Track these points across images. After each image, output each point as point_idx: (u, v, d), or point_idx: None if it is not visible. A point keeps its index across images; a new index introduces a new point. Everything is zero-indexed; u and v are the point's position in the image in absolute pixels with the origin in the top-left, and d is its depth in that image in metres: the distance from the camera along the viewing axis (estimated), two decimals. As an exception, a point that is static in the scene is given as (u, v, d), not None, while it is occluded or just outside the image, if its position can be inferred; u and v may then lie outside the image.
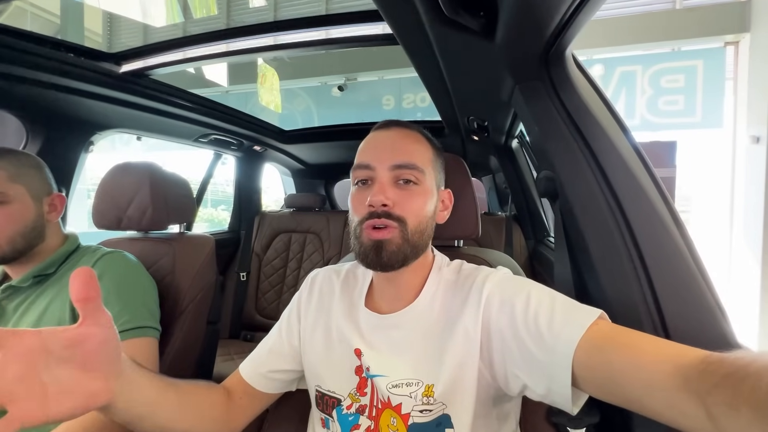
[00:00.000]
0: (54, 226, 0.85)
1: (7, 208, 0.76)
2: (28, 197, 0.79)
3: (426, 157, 0.59)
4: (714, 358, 0.33)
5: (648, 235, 0.53)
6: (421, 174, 0.56)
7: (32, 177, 0.81)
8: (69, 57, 1.00)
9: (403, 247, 0.54)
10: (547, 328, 0.45)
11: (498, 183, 2.50)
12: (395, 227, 0.54)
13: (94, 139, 1.33)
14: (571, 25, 0.52)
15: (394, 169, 0.56)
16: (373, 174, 0.56)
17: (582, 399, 0.45)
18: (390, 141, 0.58)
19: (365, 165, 0.57)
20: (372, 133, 0.62)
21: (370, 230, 0.54)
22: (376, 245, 0.53)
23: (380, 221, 0.54)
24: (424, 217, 0.57)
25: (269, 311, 1.99)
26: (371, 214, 0.54)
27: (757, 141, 3.13)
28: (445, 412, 0.52)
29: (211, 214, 7.61)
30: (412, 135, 0.60)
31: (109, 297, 0.78)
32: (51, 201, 0.83)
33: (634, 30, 3.60)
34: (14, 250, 0.77)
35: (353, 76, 4.69)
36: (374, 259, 0.54)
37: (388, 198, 0.54)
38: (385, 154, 0.57)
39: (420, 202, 0.56)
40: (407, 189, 0.56)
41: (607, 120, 0.61)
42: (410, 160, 0.56)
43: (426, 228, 0.57)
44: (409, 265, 0.56)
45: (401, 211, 0.54)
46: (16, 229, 0.77)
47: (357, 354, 0.58)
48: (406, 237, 0.54)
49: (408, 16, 0.63)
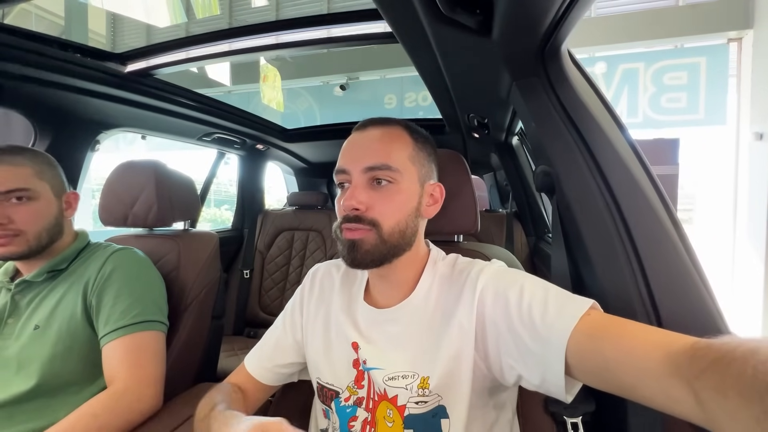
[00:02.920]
0: (67, 223, 0.87)
1: (35, 205, 0.79)
2: (51, 194, 0.82)
3: (403, 154, 0.57)
4: (702, 344, 0.33)
5: (642, 228, 0.54)
6: (396, 173, 0.56)
7: (52, 174, 0.84)
8: (76, 57, 1.02)
9: (379, 247, 0.55)
10: (540, 319, 0.46)
11: (499, 180, 2.51)
12: (368, 230, 0.54)
13: (100, 138, 1.35)
14: (565, 22, 0.53)
15: (367, 171, 0.55)
16: (349, 178, 0.57)
17: (576, 387, 0.46)
18: (364, 142, 0.58)
19: (342, 169, 0.58)
20: (351, 135, 0.62)
21: (346, 231, 0.55)
22: (350, 244, 0.55)
23: (352, 225, 0.55)
24: (402, 217, 0.56)
25: (272, 308, 2.01)
26: (345, 217, 0.55)
27: (760, 138, 3.11)
28: (440, 404, 0.53)
29: (214, 213, 7.64)
30: (389, 133, 0.59)
31: (120, 291, 0.80)
32: (67, 198, 0.86)
33: (637, 27, 3.59)
34: (39, 245, 0.79)
35: (355, 76, 4.70)
36: (348, 257, 0.56)
37: (360, 202, 0.54)
38: (359, 156, 0.57)
39: (396, 202, 0.56)
40: (382, 190, 0.56)
41: (602, 115, 0.62)
42: (383, 160, 0.55)
43: (407, 226, 0.57)
44: (391, 262, 0.57)
45: (374, 214, 0.55)
46: (43, 224, 0.80)
47: (354, 347, 0.59)
48: (382, 238, 0.55)
49: (407, 15, 0.64)
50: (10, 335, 0.78)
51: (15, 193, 0.76)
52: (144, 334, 0.78)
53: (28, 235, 0.77)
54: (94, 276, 0.82)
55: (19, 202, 0.77)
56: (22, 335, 0.77)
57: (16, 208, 0.77)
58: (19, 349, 0.76)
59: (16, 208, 0.76)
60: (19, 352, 0.75)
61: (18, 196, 0.77)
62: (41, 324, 0.77)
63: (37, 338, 0.76)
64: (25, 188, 0.77)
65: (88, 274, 0.82)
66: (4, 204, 0.76)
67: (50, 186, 0.82)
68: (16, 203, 0.77)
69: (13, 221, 0.76)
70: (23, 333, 0.77)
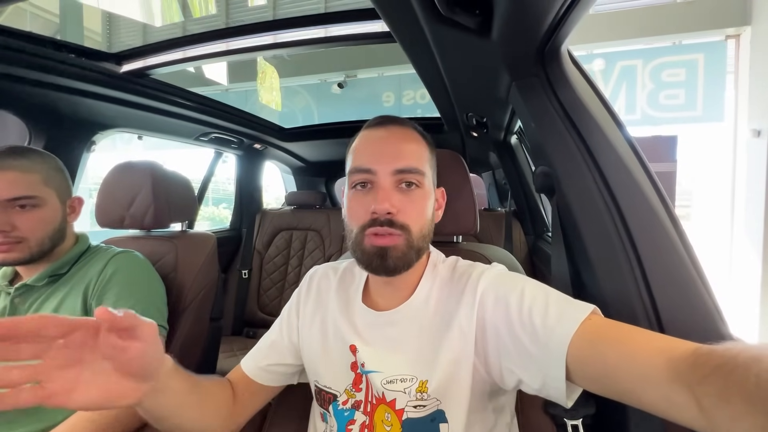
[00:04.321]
0: (69, 226, 0.87)
1: (41, 212, 0.78)
2: (57, 200, 0.81)
3: (425, 157, 0.57)
4: (704, 350, 0.33)
5: (643, 229, 0.54)
6: (422, 177, 0.55)
7: (60, 180, 0.83)
8: (70, 58, 1.01)
9: (409, 254, 0.53)
10: (541, 324, 0.45)
11: (498, 179, 2.51)
12: (399, 235, 0.52)
13: (96, 138, 1.34)
14: (565, 22, 0.53)
15: (396, 173, 0.54)
16: (374, 178, 0.54)
17: (576, 392, 0.46)
18: (391, 142, 0.56)
19: (365, 169, 0.54)
20: (367, 132, 0.59)
21: (373, 237, 0.53)
22: (380, 252, 0.52)
23: (383, 229, 0.52)
24: (426, 221, 0.56)
25: (271, 308, 2.00)
26: (373, 221, 0.53)
27: (758, 135, 3.12)
28: (439, 408, 0.53)
29: (212, 212, 7.63)
30: (411, 134, 0.58)
31: (121, 294, 0.80)
32: (71, 203, 0.86)
33: (635, 24, 3.58)
34: (41, 251, 0.79)
35: (353, 73, 4.68)
36: (379, 265, 0.53)
37: (393, 205, 0.52)
38: (387, 157, 0.54)
39: (422, 206, 0.55)
40: (409, 193, 0.54)
41: (602, 115, 0.62)
42: (413, 163, 0.54)
43: (428, 231, 0.57)
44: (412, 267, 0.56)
45: (405, 218, 0.53)
46: (46, 232, 0.79)
47: (352, 350, 0.59)
48: (411, 243, 0.53)
49: (405, 15, 0.64)
50: None
51: (20, 201, 0.75)
52: None
53: (30, 242, 0.77)
54: (94, 279, 0.81)
55: (23, 210, 0.76)
56: None
57: (20, 215, 0.75)
58: None
59: (20, 215, 0.75)
60: None
61: (22, 204, 0.75)
62: None
63: None
64: (31, 196, 0.76)
65: (89, 277, 0.81)
66: (9, 210, 0.74)
67: (56, 192, 0.81)
68: (20, 210, 0.75)
69: (17, 228, 0.75)
70: None
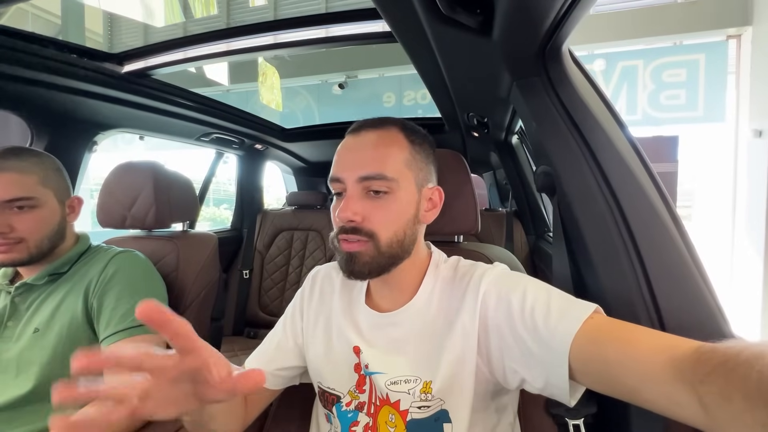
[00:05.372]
0: (69, 227, 0.87)
1: (38, 213, 0.78)
2: (55, 201, 0.81)
3: (398, 159, 0.55)
4: (706, 348, 0.33)
5: (644, 229, 0.54)
6: (392, 182, 0.54)
7: (58, 180, 0.83)
8: (72, 58, 1.01)
9: (377, 259, 0.53)
10: (543, 323, 0.45)
11: (498, 179, 2.51)
12: (366, 241, 0.53)
13: (97, 138, 1.34)
14: (566, 21, 0.53)
15: (361, 180, 0.53)
16: (344, 186, 0.55)
17: (579, 391, 0.46)
18: (358, 148, 0.56)
19: (336, 178, 0.55)
20: (344, 139, 0.60)
21: (344, 242, 0.54)
22: (348, 256, 0.54)
23: (350, 236, 0.53)
24: (400, 226, 0.55)
25: (272, 308, 2.00)
26: (341, 228, 0.54)
27: (759, 135, 3.11)
28: (443, 408, 0.53)
29: (213, 212, 7.64)
30: (384, 137, 0.56)
31: (122, 294, 0.80)
32: (70, 203, 0.86)
33: (636, 24, 3.58)
34: (40, 252, 0.79)
35: (354, 74, 4.69)
36: (347, 269, 0.55)
37: (356, 213, 0.52)
38: (352, 164, 0.55)
39: (393, 212, 0.54)
40: (378, 200, 0.54)
41: (603, 115, 0.61)
42: (378, 170, 0.53)
43: (405, 236, 0.55)
44: (390, 271, 0.56)
45: (371, 225, 0.53)
46: (45, 232, 0.79)
47: (356, 351, 0.59)
48: (380, 250, 0.53)
49: (406, 14, 0.64)
50: (9, 338, 0.77)
51: (17, 202, 0.75)
52: (145, 336, 0.78)
53: (29, 242, 0.77)
54: (95, 278, 0.81)
55: (20, 211, 0.76)
56: (21, 338, 0.77)
57: (18, 216, 0.76)
58: (19, 352, 0.75)
59: (18, 216, 0.76)
60: (19, 355, 0.75)
61: (20, 205, 0.76)
62: (41, 327, 0.77)
63: (37, 341, 0.76)
64: (28, 197, 0.76)
65: (90, 277, 0.82)
66: (7, 212, 0.75)
67: (54, 192, 0.81)
68: (17, 211, 0.76)
69: (15, 229, 0.75)
70: (23, 336, 0.77)
